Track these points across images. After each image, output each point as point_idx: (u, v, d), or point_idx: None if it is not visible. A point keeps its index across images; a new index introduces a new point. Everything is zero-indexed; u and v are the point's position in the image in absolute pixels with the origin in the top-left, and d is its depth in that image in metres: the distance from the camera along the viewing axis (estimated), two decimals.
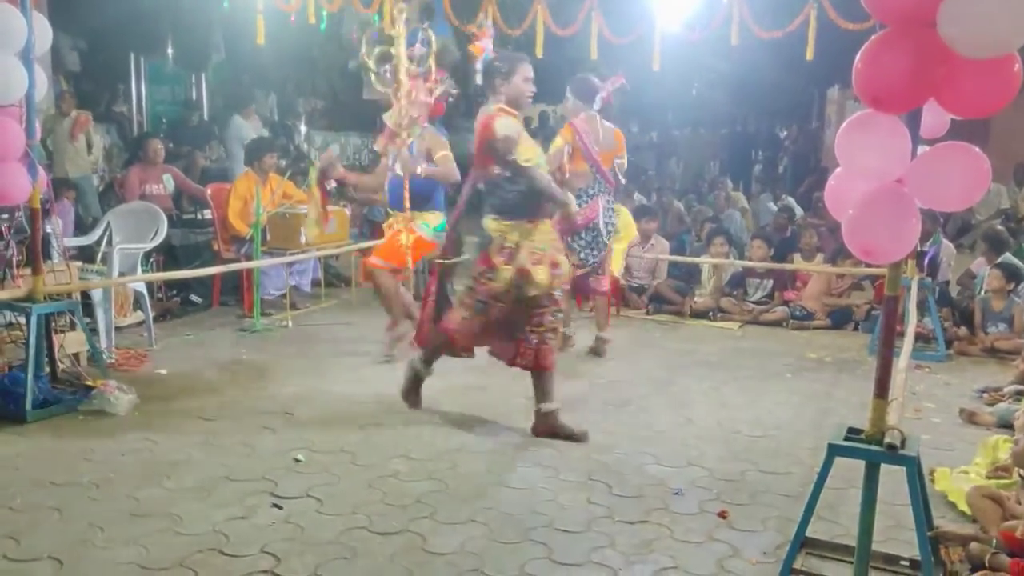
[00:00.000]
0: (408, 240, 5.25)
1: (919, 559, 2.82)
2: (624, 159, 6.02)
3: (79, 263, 5.72)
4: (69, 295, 4.98)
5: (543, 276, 4.24)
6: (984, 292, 6.58)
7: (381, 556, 3.14)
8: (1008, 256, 6.68)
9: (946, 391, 5.39)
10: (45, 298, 4.63)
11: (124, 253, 6.13)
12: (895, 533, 3.32)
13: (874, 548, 2.82)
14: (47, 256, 4.91)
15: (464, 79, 6.97)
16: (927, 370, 5.85)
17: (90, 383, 4.73)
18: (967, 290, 7.21)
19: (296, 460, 3.99)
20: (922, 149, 2.59)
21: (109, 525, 3.31)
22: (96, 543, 3.18)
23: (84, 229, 7.06)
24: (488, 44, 4.58)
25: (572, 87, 6.01)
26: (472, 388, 5.13)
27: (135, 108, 12.36)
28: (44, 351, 4.75)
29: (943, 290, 6.83)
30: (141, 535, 3.24)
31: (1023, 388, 5.06)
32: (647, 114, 16.93)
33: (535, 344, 4.33)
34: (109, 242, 6.44)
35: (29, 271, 4.63)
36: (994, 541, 3.00)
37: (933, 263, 6.67)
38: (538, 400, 4.38)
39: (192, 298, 7.17)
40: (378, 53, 5.20)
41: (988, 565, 2.91)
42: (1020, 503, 3.29)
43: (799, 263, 7.54)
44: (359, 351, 5.86)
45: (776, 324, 7.12)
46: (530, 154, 4.30)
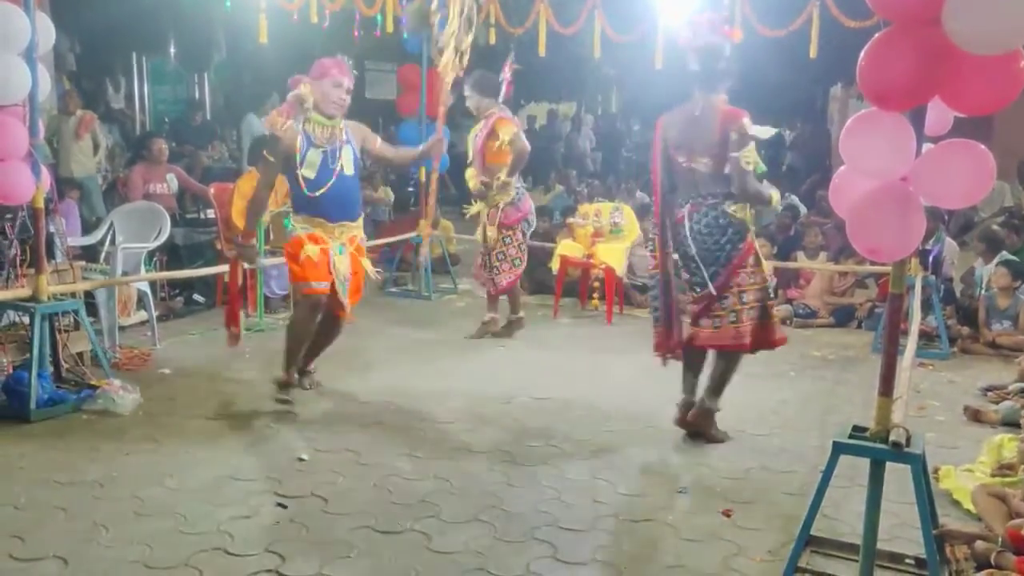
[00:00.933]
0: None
1: (924, 557, 2.81)
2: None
3: (83, 263, 5.72)
4: (73, 295, 4.98)
5: None
6: (989, 289, 6.57)
7: (386, 555, 3.14)
8: (1004, 254, 6.66)
9: (950, 389, 5.38)
10: (49, 298, 4.63)
11: (127, 253, 6.13)
12: (900, 532, 3.32)
13: (879, 546, 2.82)
14: (51, 256, 4.91)
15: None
16: (931, 368, 5.84)
17: (94, 383, 4.74)
18: (970, 288, 7.19)
19: (300, 459, 3.99)
20: (926, 147, 2.59)
21: (114, 524, 3.32)
22: (101, 542, 3.19)
23: (88, 229, 7.06)
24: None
25: (476, 84, 6.03)
26: (477, 387, 5.13)
27: (137, 107, 12.38)
28: (48, 351, 4.76)
29: (947, 288, 6.82)
30: (146, 534, 3.24)
31: None
32: (649, 113, 16.90)
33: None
34: (112, 241, 6.44)
35: (33, 271, 4.64)
36: (1000, 539, 3.00)
37: (936, 261, 6.65)
38: (709, 392, 4.38)
39: (195, 297, 7.17)
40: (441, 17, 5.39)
41: (994, 563, 2.91)
42: None
43: (802, 261, 7.53)
44: (362, 350, 5.86)
45: (779, 322, 7.10)
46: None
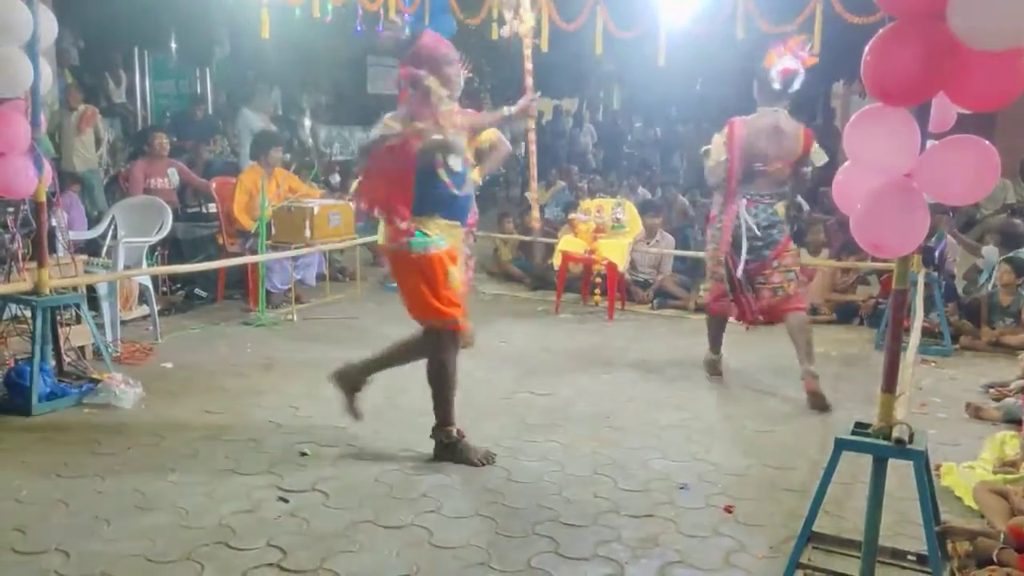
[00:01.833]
0: None
1: (926, 554, 2.81)
2: None
3: (84, 257, 5.71)
4: (75, 289, 4.98)
5: None
6: (992, 286, 6.56)
7: (387, 550, 3.14)
8: (1017, 252, 6.65)
9: (952, 386, 5.38)
10: (51, 291, 4.64)
11: (129, 247, 6.14)
12: (902, 528, 3.32)
13: (881, 543, 2.81)
14: (52, 250, 4.90)
15: (472, 74, 6.96)
16: (933, 365, 5.84)
17: (96, 376, 4.74)
18: (972, 284, 7.18)
19: (302, 454, 3.99)
20: (929, 143, 2.58)
21: (115, 518, 3.32)
22: (103, 536, 3.19)
23: (91, 223, 7.06)
24: None
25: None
26: (478, 383, 5.13)
27: (139, 102, 12.36)
28: (50, 344, 4.77)
29: (949, 284, 6.81)
30: (148, 528, 3.24)
31: None
32: (651, 109, 16.91)
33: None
34: (114, 236, 6.45)
35: (35, 265, 4.64)
36: (1001, 536, 2.99)
37: (940, 257, 6.64)
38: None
39: (197, 292, 7.18)
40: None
41: (996, 560, 2.90)
42: None
43: (804, 258, 7.51)
44: (364, 345, 5.84)
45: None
46: None
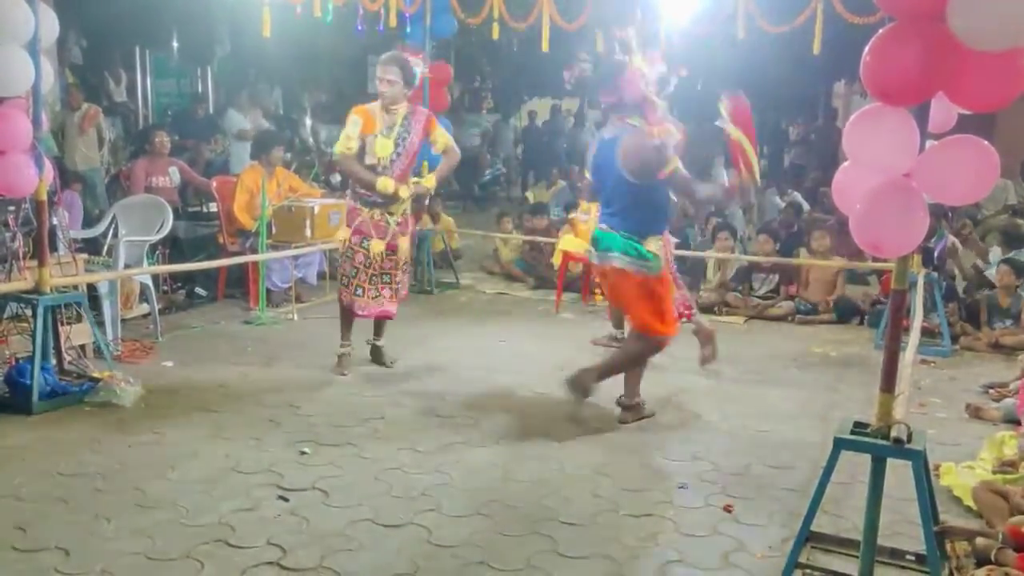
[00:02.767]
0: None
1: (925, 554, 2.81)
2: None
3: (85, 255, 5.71)
4: (75, 287, 4.99)
5: None
6: (992, 288, 6.56)
7: (387, 548, 3.15)
8: (1018, 252, 6.66)
9: (952, 386, 5.38)
10: (51, 290, 4.64)
11: (130, 245, 6.14)
12: (901, 528, 3.32)
13: (880, 543, 2.82)
14: (53, 248, 4.91)
15: (471, 73, 6.97)
16: (933, 365, 5.84)
17: (96, 375, 4.75)
18: (972, 285, 7.18)
19: (302, 452, 4.00)
20: (929, 143, 2.59)
21: (116, 516, 3.32)
22: (103, 534, 3.19)
23: (92, 222, 7.07)
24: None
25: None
26: (478, 381, 5.14)
27: (140, 101, 12.38)
28: (51, 343, 4.77)
29: (949, 285, 6.81)
30: (148, 526, 3.25)
31: None
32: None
33: None
34: (115, 235, 6.45)
35: (35, 263, 4.64)
36: (1000, 536, 3.00)
37: (940, 258, 6.64)
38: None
39: (197, 291, 7.18)
40: None
41: (994, 560, 2.91)
42: None
43: (805, 258, 7.52)
44: (364, 344, 5.86)
45: (781, 319, 7.11)
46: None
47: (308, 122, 14.14)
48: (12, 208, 4.78)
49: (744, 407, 4.83)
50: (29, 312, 4.67)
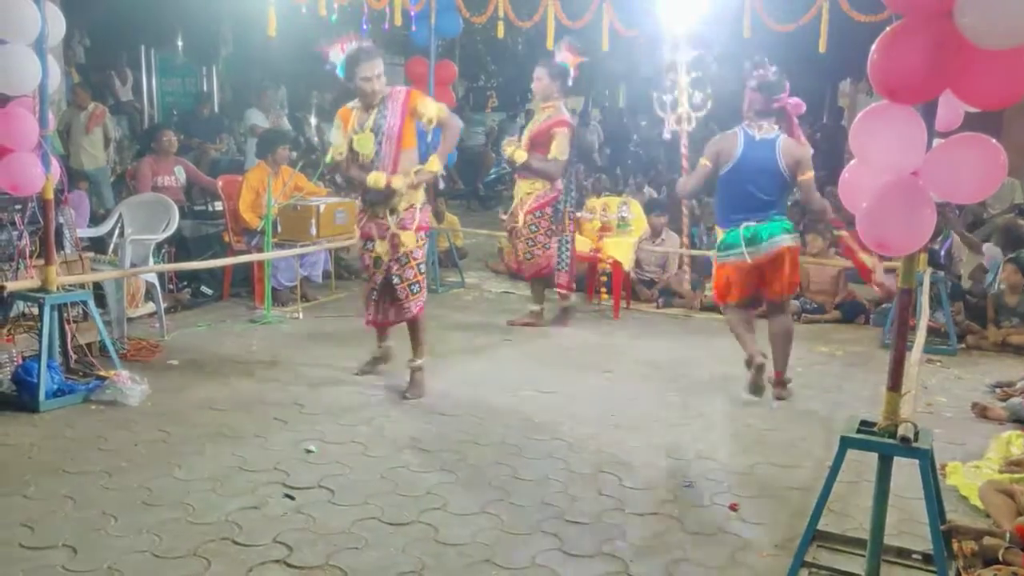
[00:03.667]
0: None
1: (932, 553, 2.81)
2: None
3: (91, 254, 5.74)
4: (82, 286, 5.00)
5: None
6: (999, 286, 6.54)
7: (393, 546, 3.15)
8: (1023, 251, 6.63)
9: (958, 385, 5.37)
10: (58, 289, 4.65)
11: (136, 244, 6.15)
12: (907, 527, 3.32)
13: (886, 542, 2.82)
14: (60, 247, 4.92)
15: (476, 71, 6.97)
16: (939, 364, 5.83)
17: (102, 373, 4.76)
18: (979, 284, 7.16)
19: (308, 451, 4.00)
20: (936, 142, 2.58)
21: (122, 514, 3.33)
22: (110, 531, 3.21)
23: (98, 221, 7.09)
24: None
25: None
26: (483, 380, 5.14)
27: (146, 100, 12.40)
28: (57, 341, 4.79)
29: (955, 284, 6.79)
30: (154, 524, 3.26)
31: None
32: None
33: None
34: (121, 233, 6.47)
35: (42, 262, 4.66)
36: (1007, 535, 2.99)
37: (947, 257, 6.63)
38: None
39: (203, 289, 7.18)
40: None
41: (1002, 559, 2.91)
42: None
43: (808, 257, 7.49)
44: (368, 343, 5.86)
45: None
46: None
47: (313, 121, 14.15)
48: (19, 207, 4.80)
49: (749, 406, 4.82)
50: (36, 310, 4.69)
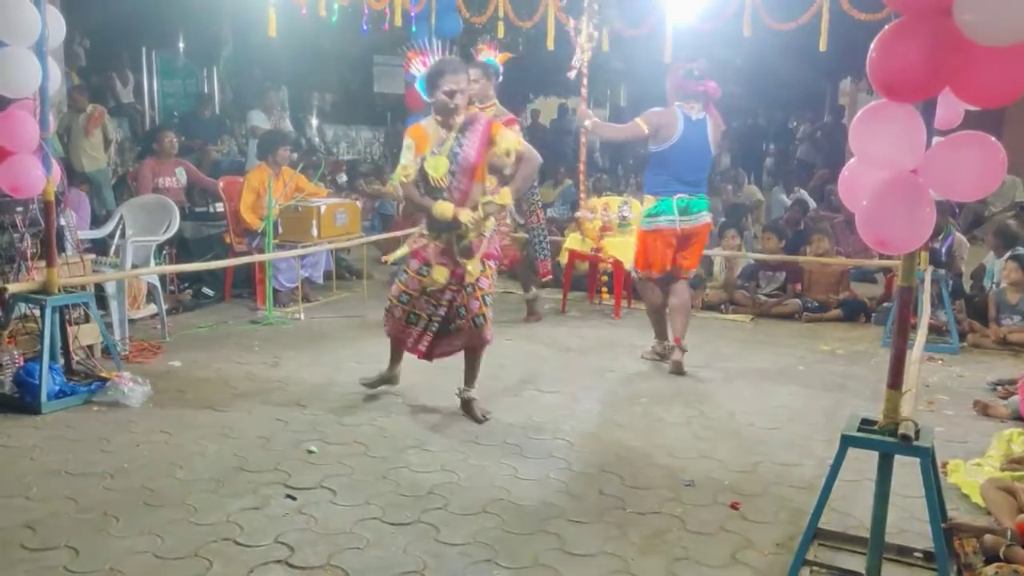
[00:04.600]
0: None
1: (933, 551, 2.81)
2: None
3: (93, 256, 5.74)
4: (83, 287, 5.01)
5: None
6: (999, 285, 6.54)
7: (394, 546, 3.15)
8: (1019, 248, 6.62)
9: (959, 384, 5.37)
10: (59, 290, 4.66)
11: (137, 246, 6.16)
12: (908, 525, 3.32)
13: (887, 540, 2.82)
14: (61, 249, 4.93)
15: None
16: (940, 362, 5.83)
17: (104, 375, 4.76)
18: (980, 283, 7.16)
19: (309, 451, 4.01)
20: (935, 140, 2.58)
21: (124, 515, 3.34)
22: (112, 532, 3.21)
23: (99, 222, 7.10)
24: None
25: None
26: (484, 380, 5.14)
27: (147, 102, 12.41)
28: (59, 343, 4.79)
29: (956, 282, 6.79)
30: (156, 525, 3.26)
31: None
32: (658, 107, 16.88)
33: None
34: (122, 235, 6.48)
35: (43, 264, 4.67)
36: (1009, 533, 2.99)
37: (948, 255, 6.63)
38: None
39: (204, 291, 7.19)
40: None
41: (1003, 557, 2.90)
42: None
43: (811, 257, 7.50)
44: (370, 344, 5.87)
45: (788, 317, 7.10)
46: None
47: (314, 122, 14.18)
48: (20, 209, 4.81)
49: (751, 405, 4.82)
50: (37, 312, 4.69)
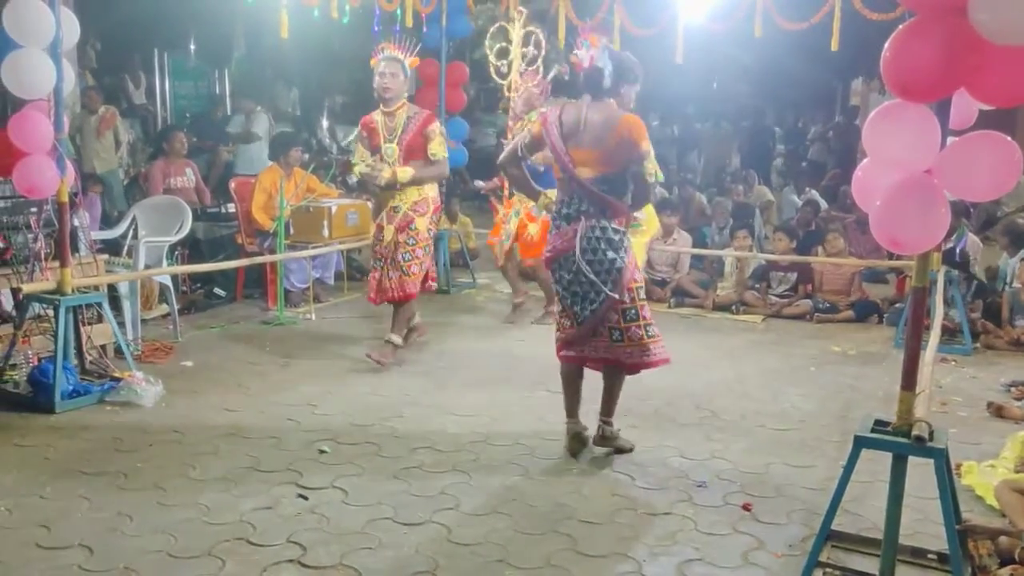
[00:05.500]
0: (535, 229, 6.11)
1: (947, 553, 2.79)
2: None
3: (106, 256, 5.77)
4: (96, 288, 5.03)
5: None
6: (1013, 285, 6.49)
7: (406, 546, 3.16)
8: None
9: (973, 385, 5.34)
10: (73, 291, 4.68)
11: (150, 246, 6.19)
12: (922, 527, 3.30)
13: (901, 541, 2.80)
14: (75, 249, 4.95)
15: (487, 73, 6.99)
16: (953, 363, 5.80)
17: (117, 375, 4.79)
18: (993, 283, 7.11)
19: (321, 451, 4.02)
20: (950, 140, 2.56)
21: (137, 514, 3.35)
22: (125, 532, 3.23)
23: (111, 223, 7.13)
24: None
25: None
26: (495, 381, 5.15)
27: (159, 103, 12.46)
28: (72, 343, 4.82)
29: (981, 283, 6.74)
30: (169, 524, 3.28)
31: None
32: (668, 107, 16.83)
33: None
34: (135, 236, 6.51)
35: (57, 264, 4.69)
36: (1023, 535, 2.97)
37: (963, 256, 6.58)
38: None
39: (216, 291, 7.22)
40: (498, 49, 6.24)
41: (1018, 559, 2.89)
42: None
43: (822, 257, 7.47)
44: (382, 343, 5.87)
45: (799, 317, 7.07)
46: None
47: (325, 123, 14.19)
48: (34, 209, 4.84)
49: (763, 406, 4.81)
50: (51, 312, 4.72)
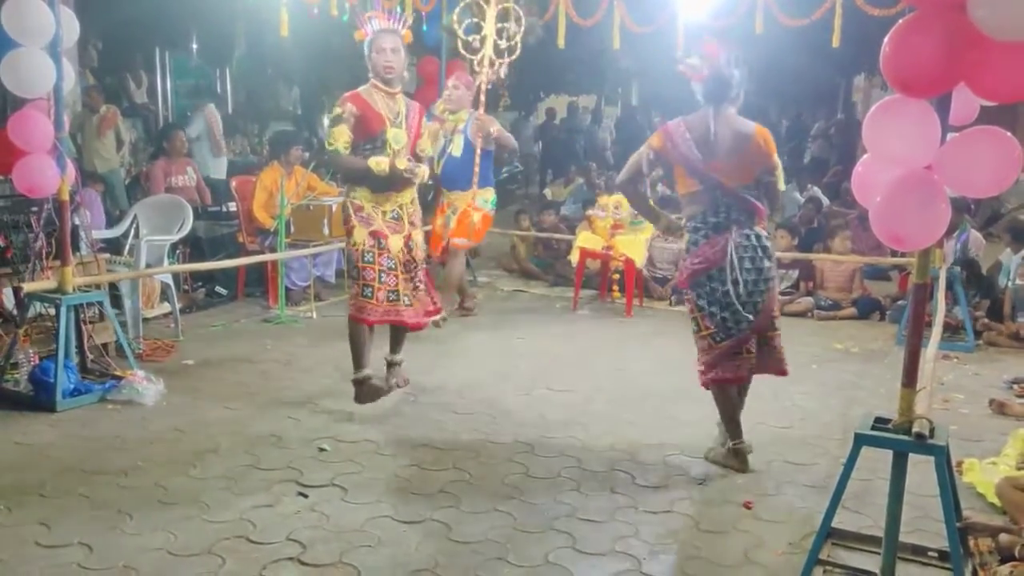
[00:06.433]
0: (478, 218, 5.79)
1: (948, 550, 2.79)
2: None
3: (107, 255, 5.77)
4: (97, 287, 5.03)
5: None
6: (1015, 282, 6.48)
7: (406, 544, 3.16)
8: None
9: (975, 382, 5.32)
10: (74, 289, 4.68)
11: (151, 245, 6.19)
12: (923, 524, 3.30)
13: (902, 539, 2.80)
14: (76, 248, 4.95)
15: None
16: (955, 360, 5.78)
17: (118, 373, 4.79)
18: (995, 279, 7.10)
19: (321, 449, 4.02)
20: (950, 135, 2.56)
21: (138, 512, 3.36)
22: (125, 530, 3.23)
23: (112, 222, 7.14)
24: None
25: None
26: (496, 379, 5.14)
27: (160, 102, 12.46)
28: (74, 342, 4.82)
29: (985, 280, 6.72)
30: (169, 522, 3.28)
31: None
32: (670, 105, 16.81)
33: None
34: (136, 234, 6.51)
35: (58, 263, 4.69)
36: None
37: (963, 252, 6.57)
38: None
39: (217, 290, 7.22)
40: (468, 24, 5.62)
41: (1019, 556, 2.88)
42: None
43: (824, 254, 7.45)
44: (384, 340, 5.87)
45: (801, 315, 7.05)
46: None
47: (326, 121, 14.17)
48: (35, 208, 4.84)
49: (764, 403, 4.79)
50: (52, 311, 4.72)
